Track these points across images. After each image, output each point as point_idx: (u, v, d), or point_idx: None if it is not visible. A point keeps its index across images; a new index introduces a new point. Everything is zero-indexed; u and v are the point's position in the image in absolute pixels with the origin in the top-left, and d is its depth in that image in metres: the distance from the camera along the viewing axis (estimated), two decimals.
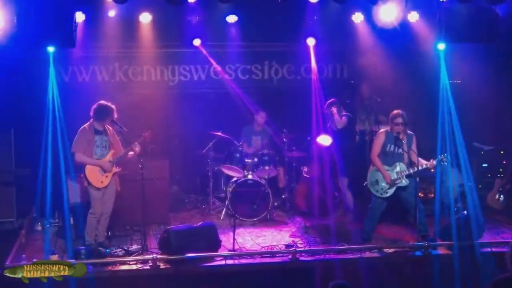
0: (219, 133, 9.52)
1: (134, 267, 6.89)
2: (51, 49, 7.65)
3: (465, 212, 7.83)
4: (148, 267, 6.89)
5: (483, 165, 9.93)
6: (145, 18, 9.15)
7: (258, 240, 8.04)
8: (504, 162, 9.86)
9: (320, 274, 6.94)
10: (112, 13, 8.75)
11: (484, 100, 9.92)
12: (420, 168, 7.50)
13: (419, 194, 8.14)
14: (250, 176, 9.12)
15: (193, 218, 9.31)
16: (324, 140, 8.77)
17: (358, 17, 9.27)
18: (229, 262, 7.15)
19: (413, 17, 8.80)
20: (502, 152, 10.03)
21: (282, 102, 10.40)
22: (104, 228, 7.65)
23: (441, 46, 8.76)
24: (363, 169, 8.48)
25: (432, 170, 8.65)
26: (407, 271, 7.16)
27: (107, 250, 7.37)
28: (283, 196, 9.68)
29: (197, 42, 9.65)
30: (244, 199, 9.03)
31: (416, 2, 8.66)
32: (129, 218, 8.34)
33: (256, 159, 9.33)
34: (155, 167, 8.38)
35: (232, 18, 9.47)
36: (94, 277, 6.61)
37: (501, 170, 9.75)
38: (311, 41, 9.55)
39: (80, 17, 8.00)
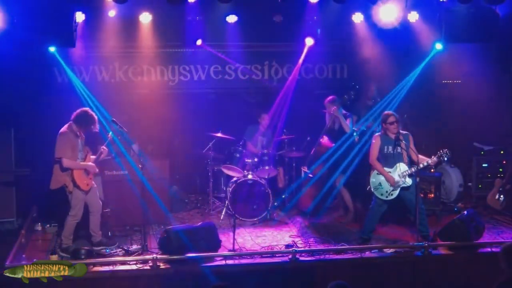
0: (219, 134, 9.52)
1: (134, 267, 6.88)
2: (52, 49, 7.66)
3: (465, 212, 7.83)
4: (148, 267, 6.88)
5: (483, 165, 9.93)
6: (145, 18, 9.14)
7: (258, 240, 8.04)
8: (504, 162, 9.86)
9: (320, 274, 6.95)
10: (112, 13, 8.74)
11: (484, 100, 9.91)
12: (421, 165, 7.48)
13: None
14: (250, 176, 9.11)
15: (193, 218, 9.30)
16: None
17: (358, 17, 9.26)
18: (229, 262, 7.14)
19: (413, 17, 8.80)
20: (502, 152, 10.04)
21: (282, 102, 10.39)
22: (98, 227, 7.60)
23: (439, 46, 8.78)
24: (362, 168, 8.47)
25: (432, 170, 8.67)
26: (407, 271, 7.15)
27: (107, 250, 7.36)
28: (283, 196, 9.67)
29: (199, 42, 9.65)
30: (244, 199, 9.02)
31: (416, 2, 8.66)
32: (129, 218, 8.33)
33: (256, 159, 9.33)
34: (155, 167, 8.39)
35: (232, 18, 9.46)
36: (94, 277, 6.61)
37: (501, 170, 9.75)
38: (309, 41, 9.53)
39: (80, 17, 8.02)
